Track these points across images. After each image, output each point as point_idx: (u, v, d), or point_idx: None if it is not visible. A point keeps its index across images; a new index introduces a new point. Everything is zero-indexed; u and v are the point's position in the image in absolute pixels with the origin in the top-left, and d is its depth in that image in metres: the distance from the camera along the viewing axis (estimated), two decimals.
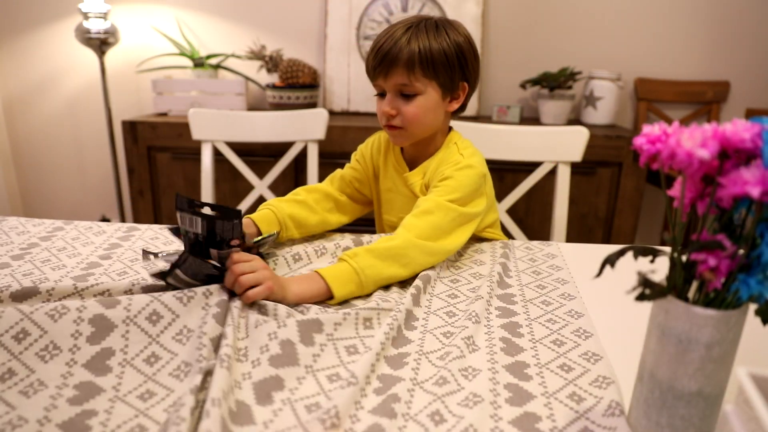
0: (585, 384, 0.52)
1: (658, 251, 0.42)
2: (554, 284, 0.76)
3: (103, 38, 1.85)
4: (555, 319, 0.65)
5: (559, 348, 0.59)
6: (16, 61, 2.10)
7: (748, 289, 0.36)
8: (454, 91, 0.87)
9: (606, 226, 1.81)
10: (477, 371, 0.52)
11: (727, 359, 0.39)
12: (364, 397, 0.48)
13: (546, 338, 0.61)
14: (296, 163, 1.72)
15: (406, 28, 0.83)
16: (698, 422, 0.41)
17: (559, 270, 0.81)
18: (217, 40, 2.08)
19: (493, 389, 0.50)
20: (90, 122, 2.16)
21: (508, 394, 0.50)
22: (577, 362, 0.56)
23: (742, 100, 2.08)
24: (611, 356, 0.57)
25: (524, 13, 2.02)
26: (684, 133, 0.38)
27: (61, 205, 2.29)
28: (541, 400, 0.49)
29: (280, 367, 0.51)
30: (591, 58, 2.03)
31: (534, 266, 0.83)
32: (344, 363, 0.54)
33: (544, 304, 0.70)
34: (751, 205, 0.37)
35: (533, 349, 0.58)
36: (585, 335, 0.61)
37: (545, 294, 0.73)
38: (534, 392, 0.50)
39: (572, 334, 0.62)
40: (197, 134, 1.44)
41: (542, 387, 0.51)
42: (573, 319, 0.65)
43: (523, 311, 0.68)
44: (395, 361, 0.55)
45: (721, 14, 2.00)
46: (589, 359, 0.56)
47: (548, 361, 0.56)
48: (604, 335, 0.62)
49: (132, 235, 0.90)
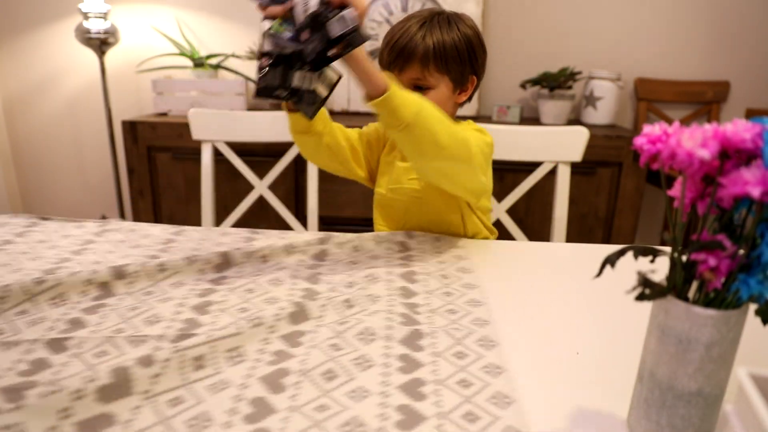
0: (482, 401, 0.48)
1: (658, 251, 0.42)
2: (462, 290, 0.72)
3: (103, 38, 1.85)
4: (460, 328, 0.61)
5: (461, 361, 0.54)
6: (16, 61, 2.10)
7: (748, 289, 0.36)
8: (464, 84, 0.90)
9: (606, 226, 1.81)
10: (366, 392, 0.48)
11: (727, 359, 0.39)
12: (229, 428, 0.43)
13: (448, 351, 0.56)
14: (296, 163, 1.72)
15: (420, 23, 0.85)
16: (698, 422, 0.41)
17: (468, 273, 0.78)
18: (217, 40, 2.08)
19: (382, 414, 0.46)
20: (90, 122, 2.16)
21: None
22: (477, 376, 0.52)
23: (742, 100, 2.08)
24: (611, 356, 0.57)
25: (524, 13, 2.02)
26: (684, 133, 0.38)
27: (61, 205, 2.29)
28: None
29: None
30: (591, 58, 2.03)
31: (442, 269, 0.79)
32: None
33: (450, 313, 0.65)
34: (751, 205, 0.37)
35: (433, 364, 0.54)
36: (489, 345, 0.58)
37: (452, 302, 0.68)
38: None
39: (476, 344, 0.58)
40: (197, 134, 1.44)
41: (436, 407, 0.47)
42: (478, 328, 0.61)
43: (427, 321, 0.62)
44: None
45: (721, 14, 2.00)
46: (489, 372, 0.52)
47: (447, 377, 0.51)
48: (605, 335, 0.62)
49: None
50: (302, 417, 0.45)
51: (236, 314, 0.62)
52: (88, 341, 0.54)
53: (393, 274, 0.76)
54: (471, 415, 0.46)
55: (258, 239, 0.90)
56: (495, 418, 0.46)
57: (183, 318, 0.61)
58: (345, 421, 0.45)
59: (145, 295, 0.67)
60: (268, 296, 0.68)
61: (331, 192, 1.78)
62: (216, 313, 0.63)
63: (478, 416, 0.46)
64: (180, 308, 0.63)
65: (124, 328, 0.58)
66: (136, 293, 0.67)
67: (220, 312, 0.63)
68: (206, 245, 0.86)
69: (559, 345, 0.60)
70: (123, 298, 0.66)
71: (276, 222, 1.78)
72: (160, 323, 0.60)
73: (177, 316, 0.62)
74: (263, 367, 0.52)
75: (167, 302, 0.65)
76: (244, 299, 0.67)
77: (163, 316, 0.61)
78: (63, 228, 0.93)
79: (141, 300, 0.65)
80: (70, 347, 0.53)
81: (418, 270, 0.78)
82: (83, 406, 0.44)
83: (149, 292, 0.67)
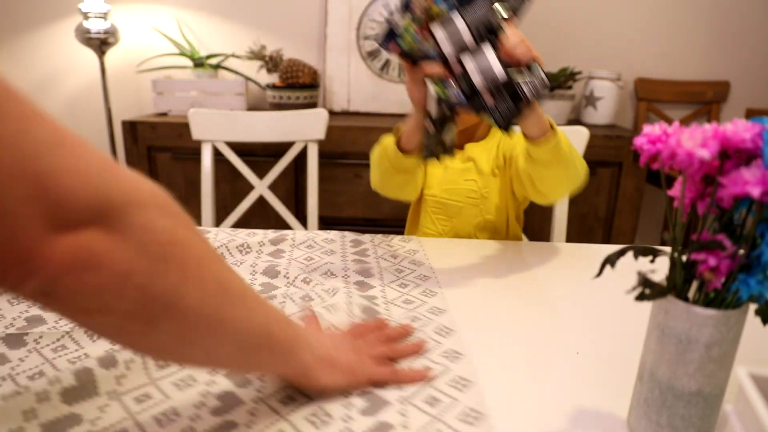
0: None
1: (658, 251, 0.42)
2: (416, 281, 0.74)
3: (103, 38, 1.84)
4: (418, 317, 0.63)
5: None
6: (16, 61, 2.10)
7: (748, 289, 0.36)
8: None
9: (606, 226, 1.81)
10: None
11: (727, 359, 0.39)
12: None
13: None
14: (296, 163, 1.72)
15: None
16: (698, 422, 0.41)
17: (420, 266, 0.80)
18: (217, 40, 2.08)
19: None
20: (90, 122, 2.16)
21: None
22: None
23: (742, 100, 2.08)
24: (611, 356, 0.57)
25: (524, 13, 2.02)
26: (684, 133, 0.38)
27: None
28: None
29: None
30: (591, 58, 2.03)
31: (396, 264, 0.81)
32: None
33: (406, 303, 0.67)
34: (751, 205, 0.37)
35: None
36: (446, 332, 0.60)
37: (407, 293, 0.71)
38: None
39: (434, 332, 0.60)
40: (197, 134, 1.44)
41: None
42: (434, 316, 0.64)
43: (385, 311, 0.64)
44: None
45: (721, 14, 2.00)
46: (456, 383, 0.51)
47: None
48: (605, 335, 0.62)
49: None
50: (268, 409, 0.46)
51: None
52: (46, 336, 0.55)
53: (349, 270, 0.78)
54: (468, 416, 0.46)
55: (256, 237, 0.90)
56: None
57: None
58: (312, 412, 0.45)
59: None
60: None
61: (331, 192, 1.78)
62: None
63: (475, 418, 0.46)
64: None
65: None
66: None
67: None
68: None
69: (558, 345, 0.60)
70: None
71: (276, 222, 1.78)
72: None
73: None
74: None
75: None
76: None
77: None
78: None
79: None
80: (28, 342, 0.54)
81: (373, 266, 0.80)
82: (49, 407, 0.44)
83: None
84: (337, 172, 1.76)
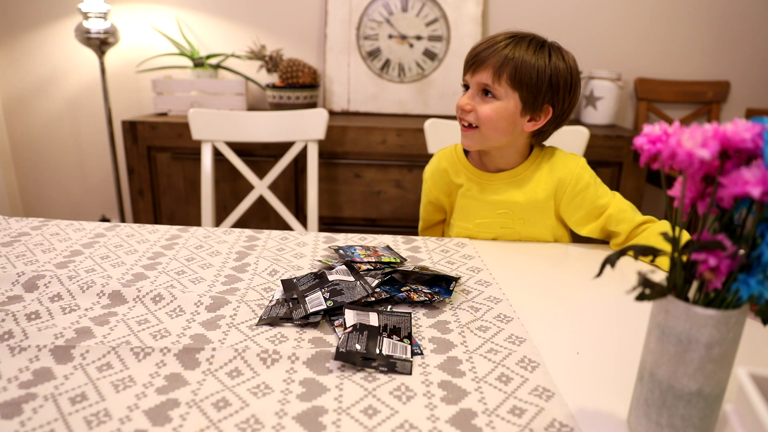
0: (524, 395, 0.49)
1: (658, 251, 0.42)
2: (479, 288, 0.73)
3: (103, 38, 1.84)
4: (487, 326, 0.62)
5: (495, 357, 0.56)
6: (16, 61, 2.10)
7: (748, 289, 0.36)
8: (535, 110, 0.87)
9: None
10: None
11: (727, 359, 0.39)
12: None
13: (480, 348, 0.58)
14: (296, 163, 1.72)
15: (509, 37, 0.86)
16: (698, 422, 0.41)
17: (479, 272, 0.79)
18: (217, 40, 2.08)
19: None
20: (90, 122, 2.16)
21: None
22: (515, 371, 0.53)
23: (742, 100, 2.08)
24: (611, 356, 0.57)
25: (524, 13, 2.02)
26: (684, 133, 0.38)
27: (61, 205, 2.29)
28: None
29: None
30: (591, 58, 2.03)
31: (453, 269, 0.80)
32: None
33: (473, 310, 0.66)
34: (751, 205, 0.37)
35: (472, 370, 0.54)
36: (519, 341, 0.59)
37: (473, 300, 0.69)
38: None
39: (506, 342, 0.59)
40: (197, 134, 1.44)
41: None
42: (504, 324, 0.63)
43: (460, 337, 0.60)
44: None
45: (721, 14, 2.00)
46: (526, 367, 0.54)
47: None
48: (605, 335, 0.62)
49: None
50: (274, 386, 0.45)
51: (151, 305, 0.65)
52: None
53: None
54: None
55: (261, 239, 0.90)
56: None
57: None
58: (302, 409, 0.45)
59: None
60: (196, 276, 0.74)
61: (331, 192, 1.78)
62: (131, 304, 0.65)
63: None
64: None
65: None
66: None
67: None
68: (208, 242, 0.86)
69: (559, 345, 0.60)
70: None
71: (276, 222, 1.78)
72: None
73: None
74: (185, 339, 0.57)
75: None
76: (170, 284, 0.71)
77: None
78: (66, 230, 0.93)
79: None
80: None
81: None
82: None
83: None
84: (337, 172, 1.76)
